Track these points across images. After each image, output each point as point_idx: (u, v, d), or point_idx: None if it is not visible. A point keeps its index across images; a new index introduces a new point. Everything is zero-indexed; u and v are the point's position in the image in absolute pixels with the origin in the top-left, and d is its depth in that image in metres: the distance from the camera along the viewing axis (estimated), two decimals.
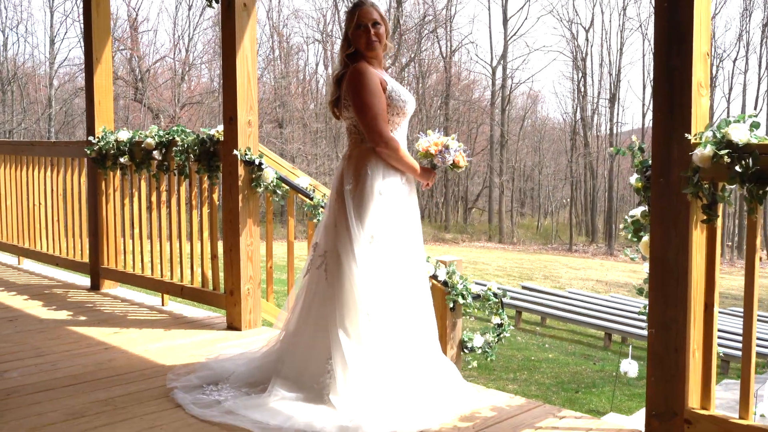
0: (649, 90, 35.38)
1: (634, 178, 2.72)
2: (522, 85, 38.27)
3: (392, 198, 2.94)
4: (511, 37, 36.54)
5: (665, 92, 2.50)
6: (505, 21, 36.15)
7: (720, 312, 15.81)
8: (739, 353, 2.48)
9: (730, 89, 35.99)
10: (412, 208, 3.06)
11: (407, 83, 36.41)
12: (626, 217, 2.83)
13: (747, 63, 35.16)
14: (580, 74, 37.00)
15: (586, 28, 36.75)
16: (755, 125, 2.38)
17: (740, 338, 2.51)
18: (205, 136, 4.21)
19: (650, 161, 2.59)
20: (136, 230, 4.84)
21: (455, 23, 37.11)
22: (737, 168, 2.31)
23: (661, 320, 2.57)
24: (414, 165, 3.00)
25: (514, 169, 38.55)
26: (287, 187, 4.12)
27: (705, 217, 2.46)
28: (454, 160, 3.02)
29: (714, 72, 35.55)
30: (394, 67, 34.61)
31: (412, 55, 35.46)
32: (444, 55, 36.79)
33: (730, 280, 22.43)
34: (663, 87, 2.50)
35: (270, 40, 34.29)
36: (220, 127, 4.17)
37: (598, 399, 8.77)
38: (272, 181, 4.05)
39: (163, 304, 4.74)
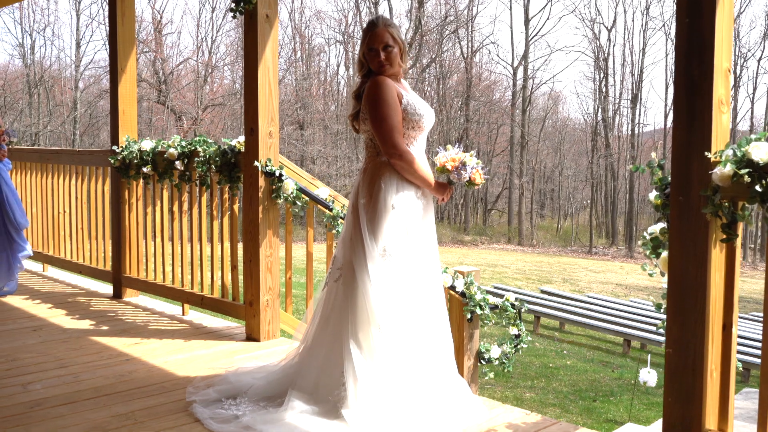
0: (671, 90, 35.00)
1: (653, 195, 2.70)
2: (543, 86, 38.04)
3: (406, 212, 2.95)
4: (533, 37, 36.39)
5: (685, 109, 2.48)
6: (527, 21, 35.99)
7: (741, 317, 15.67)
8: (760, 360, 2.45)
9: (755, 89, 35.57)
10: (427, 223, 3.06)
11: (428, 84, 36.40)
12: (645, 234, 2.81)
13: None
14: (602, 74, 36.75)
15: (609, 28, 36.48)
16: None
17: (761, 344, 2.47)
18: (226, 147, 4.25)
19: (669, 178, 2.58)
20: (158, 239, 4.90)
21: (476, 24, 37.03)
22: (757, 187, 2.29)
23: (679, 340, 2.55)
24: (429, 179, 3.00)
25: (534, 171, 38.38)
26: (307, 198, 4.14)
27: (724, 236, 2.44)
28: (470, 177, 3.02)
29: (738, 71, 35.09)
30: (415, 68, 34.59)
31: (433, 56, 35.42)
32: (465, 55, 36.72)
33: (752, 283, 22.15)
34: (683, 104, 2.49)
35: (292, 41, 34.46)
36: (241, 138, 4.21)
37: (616, 408, 8.70)
38: (292, 192, 4.08)
39: (183, 314, 4.79)
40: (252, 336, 4.21)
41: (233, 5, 3.93)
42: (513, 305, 4.79)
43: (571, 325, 15.11)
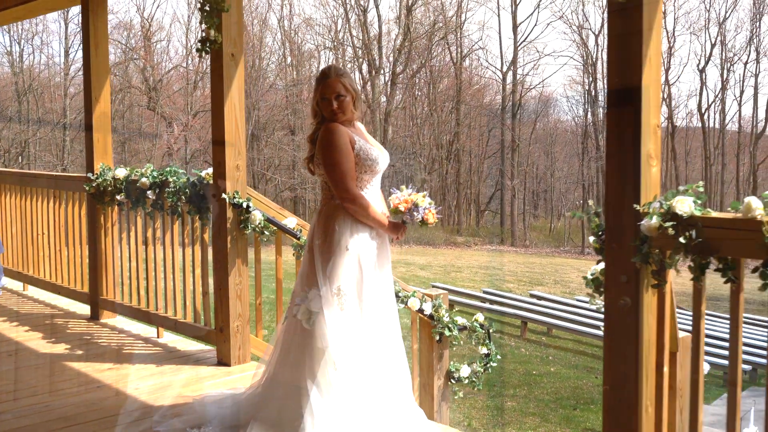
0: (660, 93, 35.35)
1: (592, 239, 2.84)
2: (533, 90, 38.28)
3: (360, 253, 3.07)
4: (521, 42, 36.57)
5: (616, 163, 2.61)
6: (515, 27, 36.18)
7: (717, 316, 15.86)
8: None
9: (742, 92, 35.78)
10: (382, 261, 3.18)
11: (418, 89, 36.51)
12: (588, 273, 2.95)
13: (758, 66, 34.92)
14: (591, 78, 36.96)
15: (596, 33, 36.71)
16: (700, 197, 2.49)
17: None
18: (195, 180, 4.36)
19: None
20: (133, 264, 5.01)
21: (465, 30, 37.20)
22: (681, 239, 2.42)
23: (615, 377, 2.69)
24: (382, 221, 3.12)
25: (526, 173, 38.58)
26: (275, 228, 4.26)
27: (655, 282, 2.57)
28: (423, 217, 3.15)
29: (725, 75, 35.39)
30: (405, 73, 34.74)
31: (423, 62, 35.58)
32: (454, 61, 36.88)
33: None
34: (614, 158, 2.62)
35: (282, 48, 34.56)
36: (210, 170, 4.32)
37: (595, 417, 8.85)
38: (260, 223, 4.20)
39: (158, 336, 4.90)
40: (223, 361, 4.32)
41: (199, 45, 4.04)
42: (482, 326, 4.94)
43: (558, 329, 15.27)
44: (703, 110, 35.90)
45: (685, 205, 2.44)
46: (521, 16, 37.43)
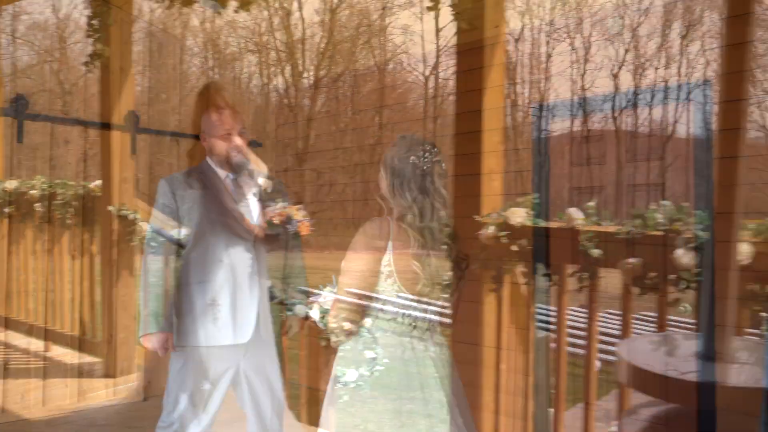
0: (576, 98, 36.73)
1: (444, 248, 3.06)
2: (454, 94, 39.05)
3: (235, 265, 3.18)
4: (444, 46, 37.31)
5: (461, 178, 2.84)
6: (438, 31, 36.89)
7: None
8: None
9: (652, 97, 37.46)
10: (258, 273, 3.31)
11: (342, 93, 36.63)
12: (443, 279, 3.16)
13: (667, 72, 36.72)
14: (511, 83, 38.00)
15: (516, 38, 37.79)
16: (534, 208, 2.74)
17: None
18: (83, 192, 4.39)
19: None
20: (22, 277, 4.97)
21: (389, 33, 37.66)
22: (513, 248, 2.67)
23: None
24: (257, 233, 3.24)
25: (449, 176, 39.27)
26: (163, 239, 4.32)
27: (494, 287, 2.81)
28: (297, 230, 3.30)
29: (638, 80, 37.02)
30: (328, 77, 34.77)
31: (347, 65, 35.80)
32: (378, 65, 37.28)
33: None
34: (460, 172, 2.85)
35: (204, 50, 34.08)
36: (99, 182, 4.36)
37: None
38: (147, 234, 4.25)
39: (46, 350, 4.86)
40: (109, 372, 4.35)
41: (88, 58, 4.06)
42: (368, 330, 5.13)
43: None
44: (616, 115, 37.45)
45: (518, 216, 2.69)
46: (443, 20, 38.18)
